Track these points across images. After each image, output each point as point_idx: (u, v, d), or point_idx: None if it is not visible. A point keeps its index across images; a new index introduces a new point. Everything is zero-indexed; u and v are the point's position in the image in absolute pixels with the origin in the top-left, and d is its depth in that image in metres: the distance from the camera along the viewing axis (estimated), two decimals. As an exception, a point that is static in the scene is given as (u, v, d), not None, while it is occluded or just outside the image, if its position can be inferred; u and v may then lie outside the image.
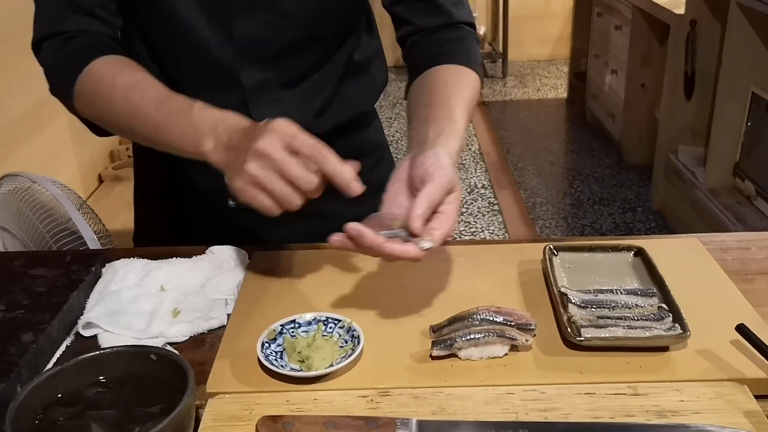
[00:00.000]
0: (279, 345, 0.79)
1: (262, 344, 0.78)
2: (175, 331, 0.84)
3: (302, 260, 0.98)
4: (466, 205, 3.45)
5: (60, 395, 0.67)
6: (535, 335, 0.79)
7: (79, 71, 0.92)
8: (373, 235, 0.75)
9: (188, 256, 0.98)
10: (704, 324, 0.80)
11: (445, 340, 0.77)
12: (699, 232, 1.04)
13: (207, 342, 0.84)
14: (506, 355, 0.77)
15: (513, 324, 0.78)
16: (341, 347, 0.79)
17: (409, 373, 0.76)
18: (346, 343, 0.79)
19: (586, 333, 0.77)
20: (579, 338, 0.77)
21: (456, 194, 0.80)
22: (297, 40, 0.99)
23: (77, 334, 0.86)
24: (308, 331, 0.81)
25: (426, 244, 0.76)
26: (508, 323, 0.78)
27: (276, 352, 0.78)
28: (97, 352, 0.70)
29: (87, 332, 0.85)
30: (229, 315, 0.88)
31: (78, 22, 0.95)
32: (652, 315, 0.80)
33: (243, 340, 0.81)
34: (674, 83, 3.05)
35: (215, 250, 0.99)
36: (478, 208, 3.43)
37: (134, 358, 0.70)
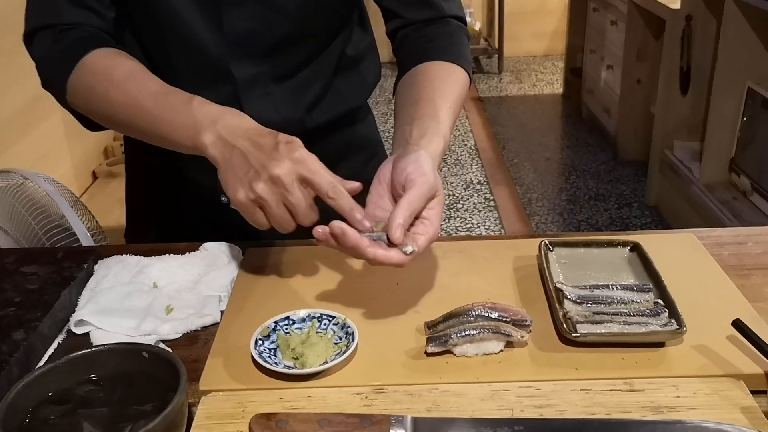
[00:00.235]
0: (273, 342, 0.78)
1: (256, 341, 0.77)
2: (168, 328, 0.83)
3: (296, 257, 0.97)
4: (461, 201, 3.45)
5: (51, 393, 0.67)
6: (530, 331, 0.79)
7: (74, 65, 0.91)
8: (358, 237, 0.75)
9: (181, 252, 0.97)
10: (700, 319, 0.80)
11: (440, 336, 0.76)
12: (695, 228, 1.04)
13: (200, 339, 0.84)
14: (501, 351, 0.77)
15: (508, 320, 0.78)
16: (335, 344, 0.78)
17: (404, 369, 0.75)
18: (341, 339, 0.79)
19: (582, 329, 0.77)
20: (575, 334, 0.76)
21: (438, 199, 0.81)
22: (289, 34, 0.99)
23: (69, 331, 0.85)
24: (302, 328, 0.80)
25: (409, 249, 0.76)
26: (504, 319, 0.78)
27: (270, 349, 0.77)
28: (89, 350, 0.70)
29: (79, 330, 0.84)
30: (222, 312, 0.87)
31: (72, 14, 0.94)
32: (648, 311, 0.80)
33: (236, 337, 0.80)
34: (670, 78, 3.05)
35: (208, 246, 0.98)
36: (473, 203, 3.43)
37: (126, 355, 0.69)
